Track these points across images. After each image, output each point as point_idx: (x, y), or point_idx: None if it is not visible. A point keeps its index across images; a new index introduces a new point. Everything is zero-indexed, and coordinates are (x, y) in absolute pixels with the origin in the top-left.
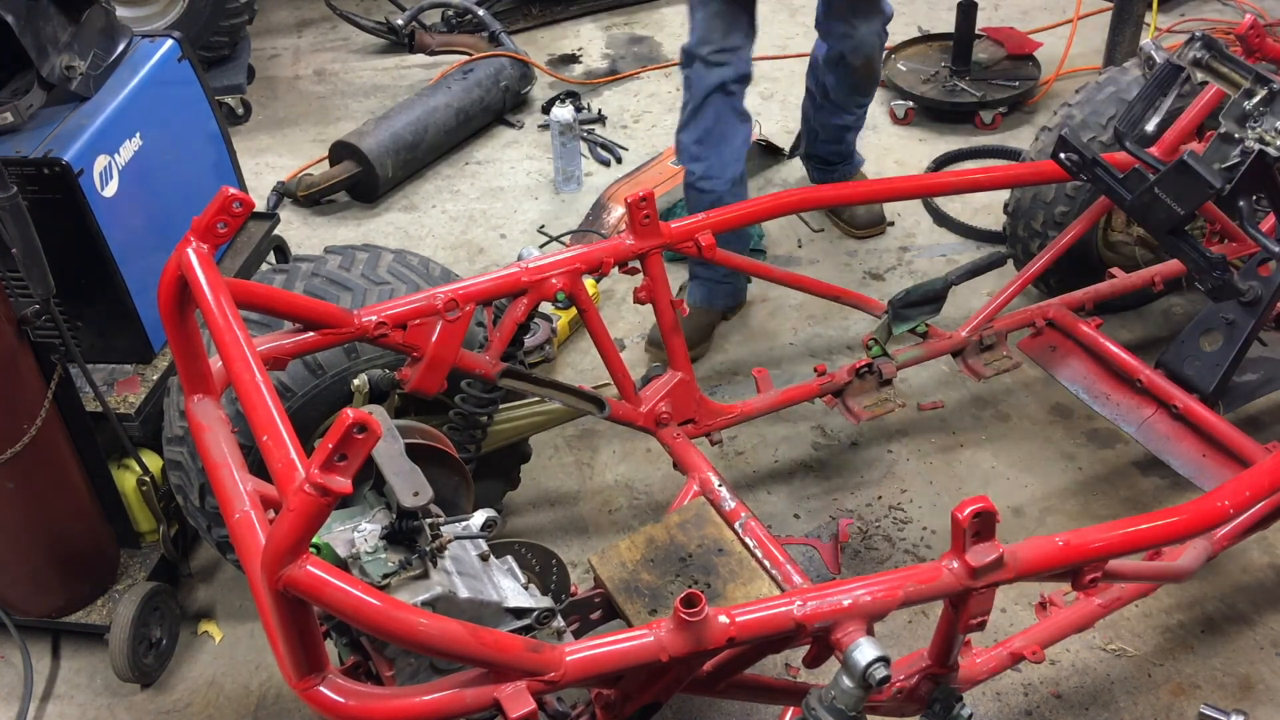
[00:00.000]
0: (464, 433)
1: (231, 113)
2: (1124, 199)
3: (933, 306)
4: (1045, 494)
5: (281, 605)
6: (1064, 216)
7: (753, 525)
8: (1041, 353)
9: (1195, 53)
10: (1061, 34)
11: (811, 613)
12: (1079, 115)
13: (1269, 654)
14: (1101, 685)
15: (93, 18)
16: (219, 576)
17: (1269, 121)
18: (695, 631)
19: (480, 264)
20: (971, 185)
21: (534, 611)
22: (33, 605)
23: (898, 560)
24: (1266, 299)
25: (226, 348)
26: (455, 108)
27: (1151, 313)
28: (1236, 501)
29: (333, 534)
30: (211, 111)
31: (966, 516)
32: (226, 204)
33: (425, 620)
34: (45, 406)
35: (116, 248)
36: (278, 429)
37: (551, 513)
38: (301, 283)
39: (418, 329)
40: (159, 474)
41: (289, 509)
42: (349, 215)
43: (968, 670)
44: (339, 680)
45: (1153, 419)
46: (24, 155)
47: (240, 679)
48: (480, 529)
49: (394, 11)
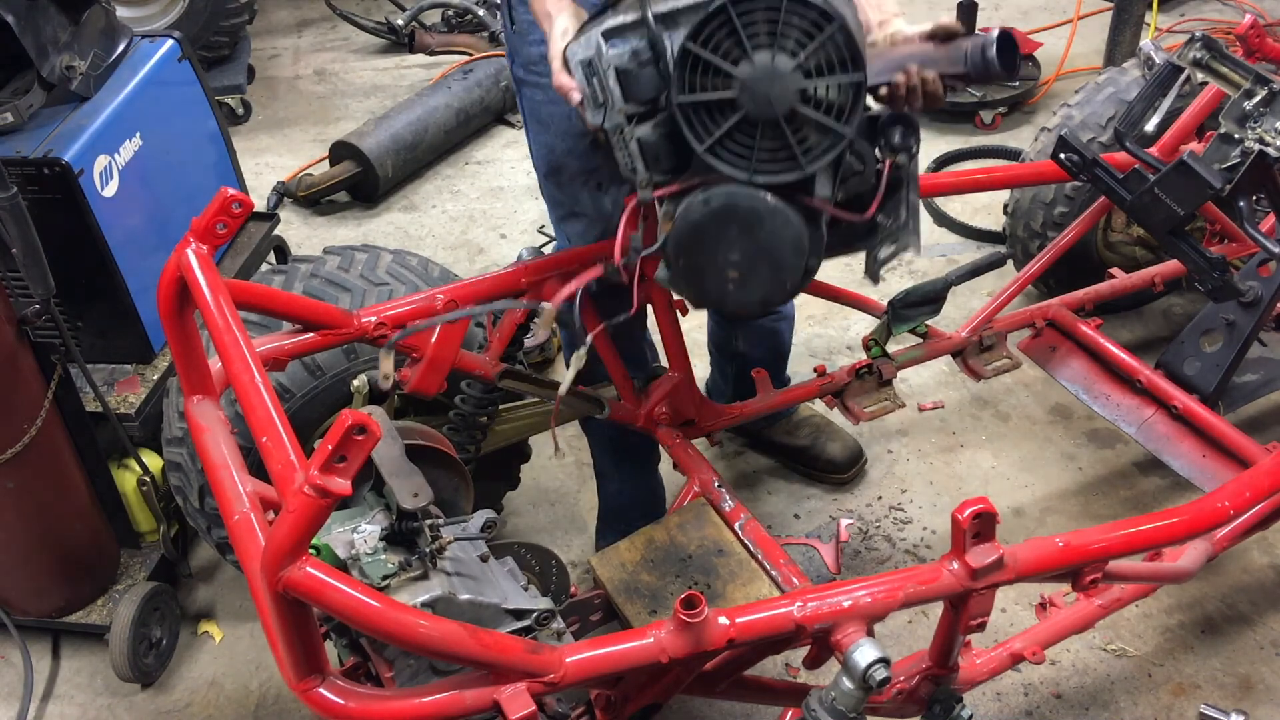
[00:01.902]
0: (464, 433)
1: (231, 113)
2: (1124, 199)
3: (933, 307)
4: (1045, 494)
5: (281, 607)
6: (1063, 217)
7: (752, 525)
8: (1041, 353)
9: (1195, 53)
10: (1061, 34)
11: (812, 614)
12: (1078, 116)
13: (1269, 654)
14: (1102, 685)
15: (93, 18)
16: (219, 576)
17: (1269, 122)
18: (695, 633)
19: (480, 264)
20: (971, 185)
21: (533, 613)
22: (33, 605)
23: (898, 560)
24: (1266, 299)
25: (226, 349)
26: (455, 108)
27: (1151, 313)
28: (1237, 502)
29: (332, 535)
30: (211, 111)
31: (967, 518)
32: (225, 205)
33: (425, 622)
34: (45, 407)
35: (116, 248)
36: (277, 430)
37: (551, 513)
38: (300, 283)
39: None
40: (159, 474)
41: (288, 510)
42: (349, 215)
43: (968, 671)
44: (339, 682)
45: (1153, 419)
46: (24, 155)
47: (240, 679)
48: (480, 530)
49: (394, 11)
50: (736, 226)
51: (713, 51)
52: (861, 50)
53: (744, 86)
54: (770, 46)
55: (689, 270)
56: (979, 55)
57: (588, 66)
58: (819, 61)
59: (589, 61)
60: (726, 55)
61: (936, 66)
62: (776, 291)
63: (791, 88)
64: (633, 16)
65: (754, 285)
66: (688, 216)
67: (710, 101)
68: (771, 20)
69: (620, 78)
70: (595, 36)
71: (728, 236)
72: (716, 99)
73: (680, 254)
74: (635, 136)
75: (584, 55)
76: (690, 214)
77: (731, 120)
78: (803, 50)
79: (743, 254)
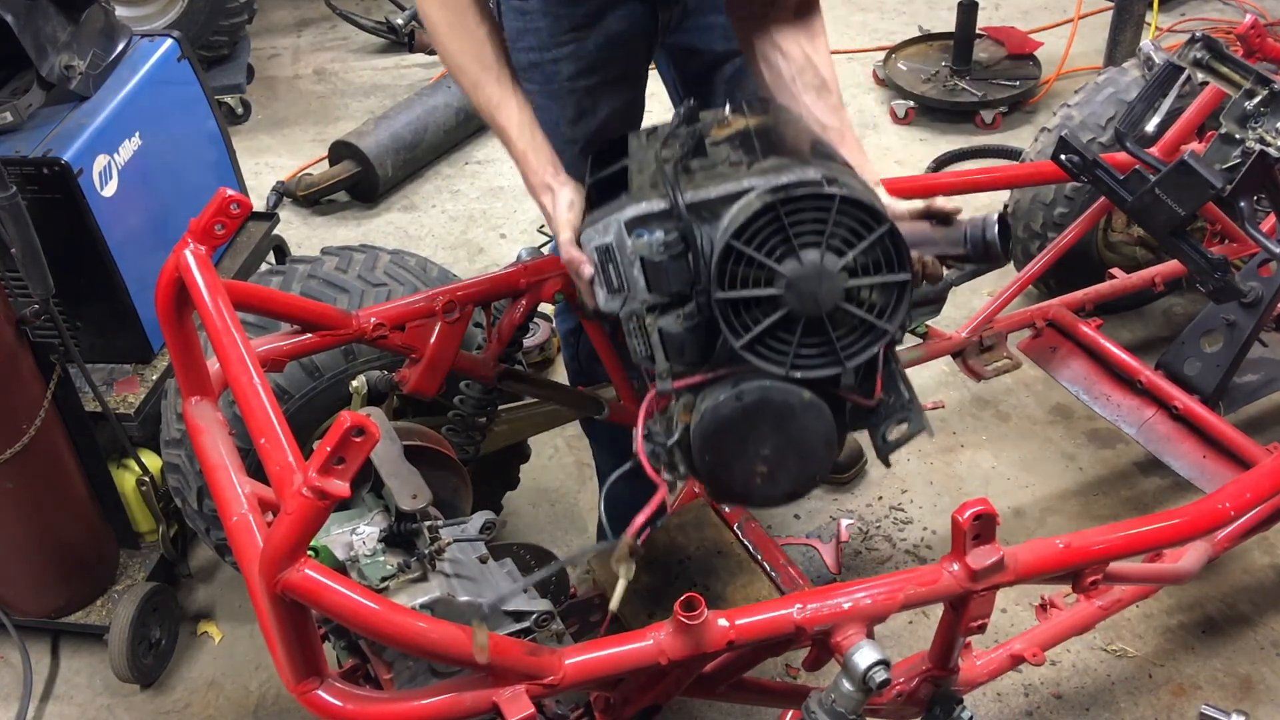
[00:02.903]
0: (463, 434)
1: (231, 112)
2: (1124, 200)
3: (933, 307)
4: (1046, 494)
5: (279, 609)
6: (1064, 218)
7: (752, 526)
8: (1041, 354)
9: (1195, 53)
10: (1062, 34)
11: (811, 616)
12: (1078, 116)
13: (1270, 654)
14: (1102, 686)
15: (92, 17)
16: (218, 577)
17: (1269, 122)
18: (695, 635)
19: (480, 264)
20: (972, 185)
21: (533, 614)
22: (32, 605)
23: (898, 561)
24: (1267, 300)
25: (224, 350)
26: (455, 107)
27: (1152, 313)
28: (1237, 503)
29: (331, 536)
30: (211, 111)
31: (967, 519)
32: (224, 206)
33: (423, 624)
34: (45, 407)
35: (116, 247)
36: (275, 432)
37: (551, 513)
38: (298, 284)
39: (416, 330)
40: (158, 474)
41: (286, 513)
42: (349, 215)
43: (968, 673)
44: (337, 684)
45: (1153, 420)
46: (23, 155)
47: (240, 679)
48: (479, 531)
49: (394, 11)
50: (769, 422)
51: (758, 248)
52: (908, 252)
53: (790, 284)
54: (818, 245)
55: (715, 465)
56: (979, 238)
57: (605, 253)
58: (866, 261)
59: (607, 248)
60: (771, 252)
61: (936, 248)
62: (804, 484)
63: (838, 286)
64: (659, 206)
65: (782, 479)
66: (718, 412)
67: (751, 298)
68: (820, 219)
69: (646, 269)
70: (617, 224)
71: (759, 432)
72: (759, 296)
73: (707, 449)
74: (658, 327)
75: (601, 242)
76: (721, 409)
77: (774, 317)
78: (851, 250)
79: (773, 449)
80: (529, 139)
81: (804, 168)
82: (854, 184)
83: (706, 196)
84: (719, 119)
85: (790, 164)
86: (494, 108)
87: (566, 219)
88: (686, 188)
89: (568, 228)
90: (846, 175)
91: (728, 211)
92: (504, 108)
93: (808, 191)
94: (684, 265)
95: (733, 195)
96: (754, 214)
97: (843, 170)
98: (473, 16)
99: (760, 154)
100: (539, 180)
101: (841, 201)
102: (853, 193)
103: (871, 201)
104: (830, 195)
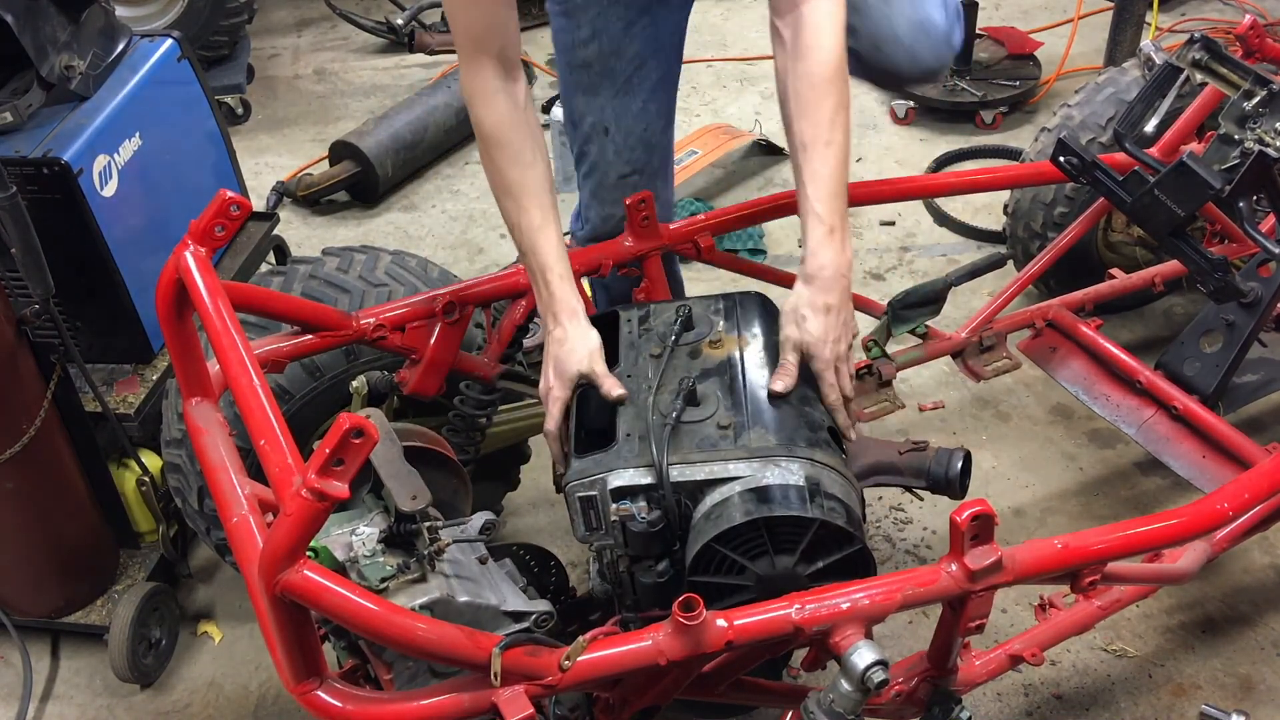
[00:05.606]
0: (463, 435)
1: (231, 112)
2: (1124, 201)
3: (932, 307)
4: (1046, 494)
5: (279, 610)
6: (1063, 218)
7: None
8: (1041, 354)
9: (1194, 54)
10: (1062, 34)
11: (810, 616)
12: (1078, 116)
13: (1270, 654)
14: (1102, 686)
15: (92, 17)
16: (219, 577)
17: (1269, 122)
18: (693, 635)
19: (480, 264)
20: (972, 185)
21: (532, 615)
22: (32, 605)
23: (898, 560)
24: (1267, 300)
25: (224, 351)
26: (455, 107)
27: (1152, 313)
28: (1236, 503)
29: (331, 537)
30: (211, 111)
31: (965, 519)
32: (224, 207)
33: (423, 624)
34: (44, 407)
35: (116, 248)
36: (275, 433)
37: (551, 513)
38: (299, 285)
39: (416, 331)
40: (158, 474)
41: (286, 514)
42: (349, 215)
43: (967, 673)
44: (337, 684)
45: (1152, 420)
46: (23, 155)
47: (240, 679)
48: (479, 532)
49: (394, 11)
50: None
51: (735, 549)
52: (872, 560)
53: (759, 580)
54: (790, 553)
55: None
56: (942, 473)
57: (587, 501)
58: (830, 563)
59: (590, 499)
60: (747, 553)
61: (900, 479)
62: None
63: (801, 577)
64: (645, 480)
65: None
66: None
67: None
68: (796, 535)
69: (627, 534)
70: (602, 486)
71: None
72: (730, 584)
73: None
74: (629, 572)
75: (586, 494)
76: None
77: (739, 598)
78: (820, 560)
79: None
80: (563, 269)
81: (789, 463)
82: (835, 487)
83: (694, 478)
84: (712, 338)
85: (775, 453)
86: (535, 230)
87: (559, 396)
88: (673, 455)
89: (553, 419)
90: (827, 472)
91: (709, 495)
92: (545, 231)
93: (789, 514)
94: (663, 537)
95: (718, 480)
96: (736, 526)
97: (826, 456)
98: (529, 150)
99: (749, 421)
100: (564, 308)
101: (820, 526)
102: (832, 518)
103: (846, 525)
104: (810, 520)
